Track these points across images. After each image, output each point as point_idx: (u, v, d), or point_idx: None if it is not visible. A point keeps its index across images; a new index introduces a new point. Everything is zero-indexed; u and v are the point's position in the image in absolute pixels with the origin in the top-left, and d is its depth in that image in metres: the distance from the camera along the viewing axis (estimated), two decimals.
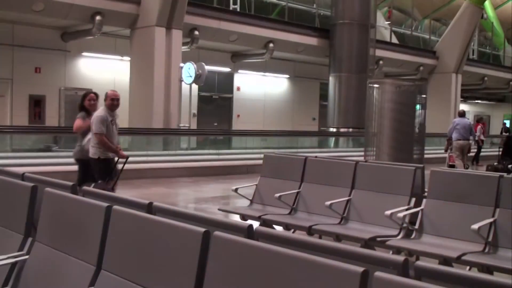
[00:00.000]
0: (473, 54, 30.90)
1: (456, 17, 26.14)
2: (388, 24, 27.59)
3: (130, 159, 7.63)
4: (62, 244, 3.10)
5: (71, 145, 14.07)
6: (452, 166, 16.16)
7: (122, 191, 10.01)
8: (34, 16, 14.92)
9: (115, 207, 2.87)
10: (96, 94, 7.75)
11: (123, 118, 16.12)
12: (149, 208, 3.05)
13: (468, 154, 16.45)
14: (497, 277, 1.92)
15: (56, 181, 3.85)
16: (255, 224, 3.37)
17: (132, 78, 16.14)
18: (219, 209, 6.75)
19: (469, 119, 19.93)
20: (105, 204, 2.92)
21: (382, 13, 28.19)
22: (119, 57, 18.11)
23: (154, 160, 13.78)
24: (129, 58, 16.61)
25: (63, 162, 12.16)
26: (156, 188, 11.30)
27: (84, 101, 7.63)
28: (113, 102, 7.29)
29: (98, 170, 7.23)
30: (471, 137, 15.60)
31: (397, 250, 4.86)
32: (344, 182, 5.89)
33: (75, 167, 7.52)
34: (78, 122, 7.62)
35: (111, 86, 17.90)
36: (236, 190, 6.50)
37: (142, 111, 15.51)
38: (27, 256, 3.28)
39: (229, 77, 21.97)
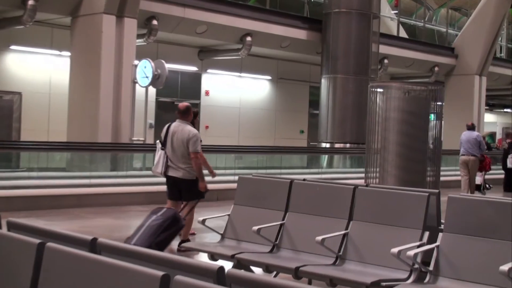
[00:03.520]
0: (500, 52, 31.27)
1: (479, 6, 26.44)
2: (395, 14, 27.87)
3: (68, 182, 7.68)
4: None
5: None
6: (479, 187, 16.37)
7: (58, 223, 9.94)
8: None
9: (49, 244, 2.85)
10: None
11: (60, 130, 16.18)
12: (93, 245, 3.03)
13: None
14: None
15: None
16: (227, 266, 3.35)
17: (72, 78, 16.06)
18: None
19: (497, 131, 20.16)
20: (37, 241, 2.89)
21: (387, 0, 28.48)
22: (57, 52, 18.04)
23: (99, 184, 13.66)
24: (69, 54, 16.55)
25: None
26: (101, 219, 11.22)
27: (196, 118, 8.84)
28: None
29: (196, 189, 8.41)
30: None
31: None
32: (340, 212, 5.91)
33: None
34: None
35: (46, 88, 17.87)
36: (203, 221, 6.48)
37: (85, 120, 15.43)
38: None
39: (195, 79, 21.99)
